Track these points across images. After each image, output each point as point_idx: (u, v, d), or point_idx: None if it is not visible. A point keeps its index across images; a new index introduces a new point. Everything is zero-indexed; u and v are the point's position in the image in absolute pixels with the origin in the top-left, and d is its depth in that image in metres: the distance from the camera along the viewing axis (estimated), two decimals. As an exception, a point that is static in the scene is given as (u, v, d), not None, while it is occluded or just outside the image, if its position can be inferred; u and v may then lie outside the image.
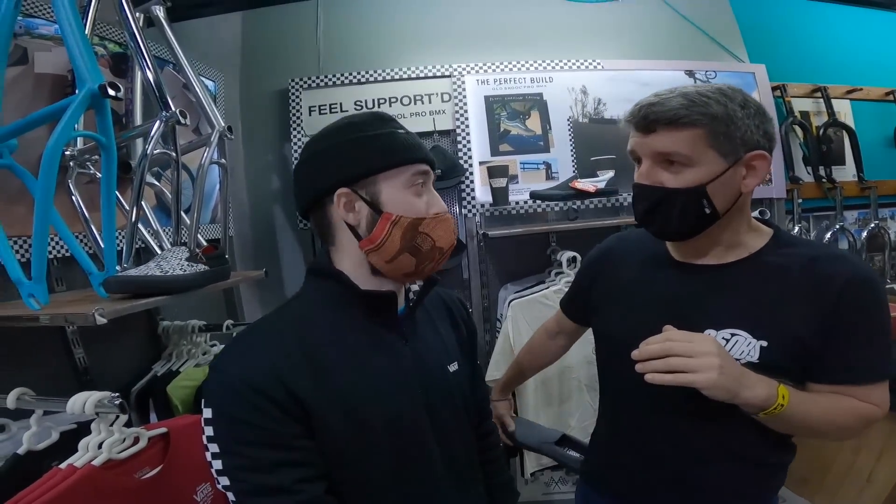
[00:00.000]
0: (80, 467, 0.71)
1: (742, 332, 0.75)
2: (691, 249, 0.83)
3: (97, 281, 0.95)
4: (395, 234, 0.67)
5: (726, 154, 0.74)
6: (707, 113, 0.72)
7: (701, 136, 0.72)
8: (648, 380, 0.68)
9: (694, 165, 0.74)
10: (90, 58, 0.86)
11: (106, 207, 0.94)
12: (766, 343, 0.74)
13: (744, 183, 0.76)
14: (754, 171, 0.76)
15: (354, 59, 2.05)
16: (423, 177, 0.70)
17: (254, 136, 2.05)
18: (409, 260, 0.68)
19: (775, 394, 0.69)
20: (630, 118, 0.79)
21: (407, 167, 0.68)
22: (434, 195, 0.72)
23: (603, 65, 2.08)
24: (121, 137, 1.15)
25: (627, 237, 1.01)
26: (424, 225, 0.69)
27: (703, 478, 0.82)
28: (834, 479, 1.76)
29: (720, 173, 0.74)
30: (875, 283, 0.75)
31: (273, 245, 2.09)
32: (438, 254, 0.70)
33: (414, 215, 0.68)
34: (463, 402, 0.80)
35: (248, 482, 0.60)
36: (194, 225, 1.23)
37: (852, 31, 2.46)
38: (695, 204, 0.75)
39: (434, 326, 0.81)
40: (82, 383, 1.15)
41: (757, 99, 2.20)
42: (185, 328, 1.37)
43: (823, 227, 2.35)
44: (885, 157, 2.40)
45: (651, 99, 0.76)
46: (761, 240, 0.81)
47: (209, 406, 0.62)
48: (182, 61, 1.29)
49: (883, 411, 0.76)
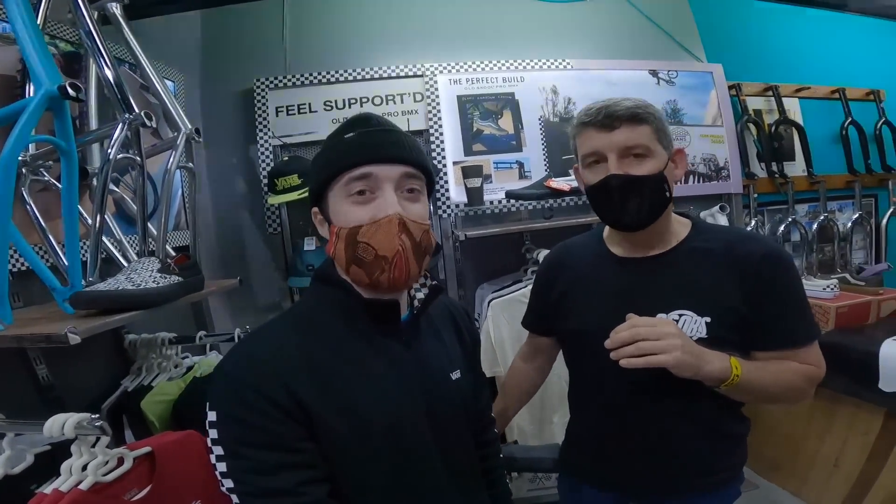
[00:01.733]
0: (66, 492, 0.69)
1: (688, 311, 0.85)
2: (635, 242, 0.93)
3: (62, 297, 0.89)
4: (339, 247, 0.67)
5: (666, 148, 0.88)
6: (651, 113, 0.86)
7: (651, 131, 0.85)
8: (624, 365, 0.74)
9: (651, 156, 0.85)
10: (46, 57, 0.80)
11: (68, 217, 0.88)
12: (709, 319, 0.84)
13: (675, 173, 0.91)
14: (677, 163, 0.91)
15: (323, 59, 2.00)
16: (361, 182, 0.65)
17: (217, 139, 1.96)
18: (360, 272, 0.66)
19: (729, 366, 0.77)
20: (588, 120, 0.87)
21: (340, 176, 0.66)
22: (387, 198, 0.65)
23: (572, 65, 2.12)
24: (77, 142, 1.07)
25: (569, 245, 1.08)
26: (361, 234, 0.64)
27: (674, 452, 0.89)
28: (803, 465, 1.85)
29: (667, 163, 0.87)
30: (785, 255, 0.89)
31: (241, 252, 2.02)
32: (385, 263, 0.64)
33: (351, 225, 0.65)
34: (465, 410, 0.79)
35: (252, 484, 0.60)
36: (162, 234, 1.17)
37: (800, 30, 2.60)
38: (659, 189, 0.86)
39: (438, 334, 0.80)
40: (47, 401, 1.08)
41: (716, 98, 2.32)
42: (153, 341, 1.30)
43: (777, 221, 2.47)
44: (832, 153, 2.55)
45: (605, 102, 0.86)
46: (685, 229, 0.93)
47: (214, 409, 0.62)
48: (142, 60, 1.23)
49: (822, 370, 0.88)
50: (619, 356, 0.74)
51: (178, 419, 1.15)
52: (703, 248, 0.89)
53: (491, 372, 1.73)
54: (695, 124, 2.26)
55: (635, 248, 0.93)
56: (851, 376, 1.65)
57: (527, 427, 1.75)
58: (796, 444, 1.87)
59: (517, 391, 1.17)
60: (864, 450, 1.64)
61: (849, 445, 1.70)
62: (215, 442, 0.61)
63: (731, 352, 0.81)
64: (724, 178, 2.30)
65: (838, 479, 1.71)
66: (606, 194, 0.87)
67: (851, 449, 1.69)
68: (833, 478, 1.73)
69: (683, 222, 0.95)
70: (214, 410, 0.62)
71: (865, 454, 1.64)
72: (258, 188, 1.95)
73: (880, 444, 1.60)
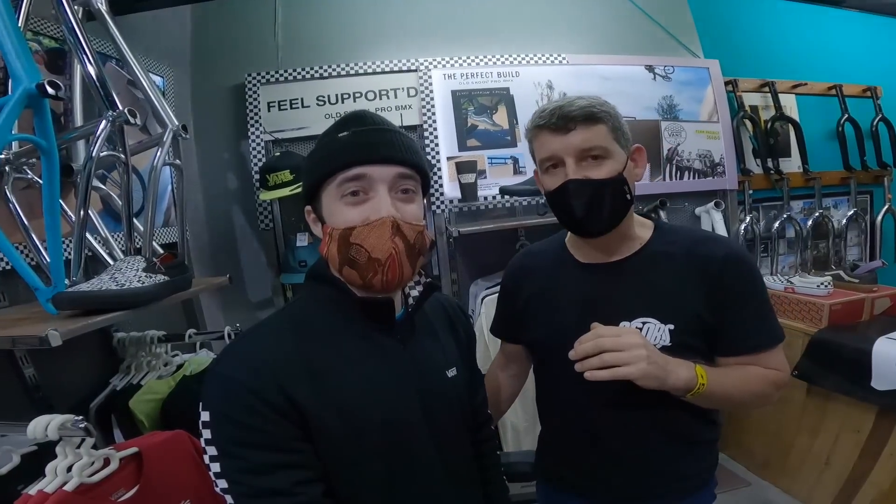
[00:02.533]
0: (51, 493, 0.69)
1: (651, 318, 0.83)
2: (596, 247, 0.90)
3: (45, 297, 0.87)
4: (332, 248, 0.66)
5: (624, 147, 0.84)
6: (607, 111, 0.81)
7: (607, 131, 0.81)
8: (588, 377, 0.71)
9: (610, 157, 0.82)
10: (26, 54, 0.78)
11: (49, 216, 0.86)
12: (672, 326, 0.82)
13: (635, 172, 0.87)
14: (637, 161, 0.88)
15: (316, 53, 1.98)
16: (354, 183, 0.64)
17: (208, 134, 1.95)
18: (353, 273, 0.66)
19: (695, 375, 0.75)
20: (541, 122, 0.83)
21: (333, 177, 0.65)
22: (381, 199, 0.65)
23: (568, 59, 2.10)
24: (61, 139, 1.05)
25: (533, 250, 1.06)
26: (355, 235, 0.64)
27: (644, 460, 0.88)
28: (794, 462, 1.86)
29: (625, 163, 0.84)
30: (747, 256, 0.86)
31: (233, 248, 2.00)
32: (378, 265, 0.64)
33: (344, 226, 0.65)
34: (461, 407, 0.79)
35: (247, 485, 0.59)
36: (149, 232, 1.15)
37: (798, 26, 2.58)
38: (619, 192, 0.83)
39: (433, 332, 0.80)
40: (35, 401, 1.07)
41: (712, 94, 2.30)
42: (142, 339, 1.29)
43: (772, 217, 2.48)
44: (827, 149, 2.54)
45: (558, 102, 0.82)
46: (647, 231, 0.90)
47: (207, 409, 0.61)
48: (127, 56, 1.20)
49: (787, 374, 0.86)
50: (583, 368, 0.72)
51: (167, 418, 1.14)
52: (665, 251, 0.86)
53: (485, 369, 1.73)
54: (690, 120, 2.25)
55: (597, 254, 0.91)
56: (844, 374, 1.65)
57: (520, 424, 1.75)
58: (788, 442, 1.87)
59: (494, 400, 1.14)
60: (855, 447, 1.65)
61: (840, 443, 1.71)
62: (209, 442, 0.60)
63: (696, 359, 0.79)
64: (719, 174, 2.29)
65: (829, 477, 1.72)
66: (565, 200, 0.83)
67: (843, 446, 1.70)
68: (824, 475, 1.74)
69: (646, 224, 0.92)
70: (208, 410, 0.61)
71: (857, 452, 1.64)
72: (250, 184, 1.93)
73: (872, 442, 1.61)
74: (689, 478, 0.90)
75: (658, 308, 0.83)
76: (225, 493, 0.60)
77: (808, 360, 1.74)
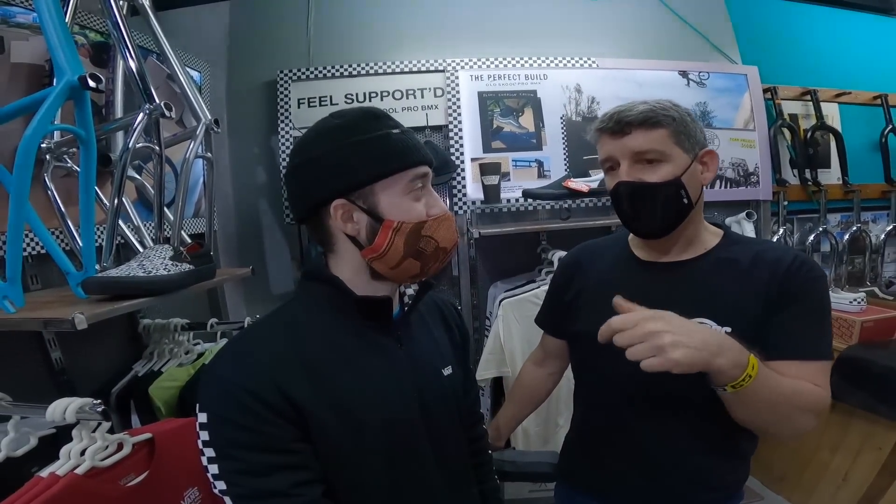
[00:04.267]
0: (62, 476, 0.69)
1: (708, 320, 0.81)
2: (658, 248, 0.90)
3: (75, 281, 0.91)
4: (397, 242, 0.66)
5: (688, 150, 0.83)
6: (669, 115, 0.82)
7: (667, 135, 0.82)
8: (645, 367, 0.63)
9: (667, 161, 0.82)
10: (70, 48, 0.82)
11: (84, 204, 0.90)
12: (729, 329, 0.79)
13: (703, 177, 0.86)
14: (707, 165, 0.87)
15: (345, 52, 2.00)
16: (421, 180, 0.68)
17: (240, 129, 1.99)
18: (414, 264, 0.68)
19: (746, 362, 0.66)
20: (602, 126, 0.85)
21: (404, 172, 0.66)
22: (432, 195, 0.70)
23: (598, 63, 2.07)
24: (101, 130, 1.10)
25: (590, 246, 1.06)
26: (427, 228, 0.68)
27: (678, 467, 0.86)
28: (811, 477, 1.81)
29: (687, 166, 0.83)
30: (816, 265, 0.84)
31: (258, 240, 2.05)
32: (443, 254, 0.70)
33: (415, 220, 0.67)
34: (457, 406, 0.80)
35: (245, 486, 0.59)
36: (178, 222, 1.19)
37: (843, 34, 2.47)
38: (675, 195, 0.82)
39: (429, 330, 0.80)
40: (59, 384, 1.11)
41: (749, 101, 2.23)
42: (167, 327, 1.34)
43: (807, 230, 2.38)
44: (869, 161, 2.42)
45: (619, 107, 0.84)
46: (715, 238, 0.90)
47: (204, 410, 0.61)
48: (167, 51, 1.24)
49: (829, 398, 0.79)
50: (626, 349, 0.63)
51: (184, 406, 1.17)
52: (731, 258, 0.85)
53: (499, 372, 1.72)
54: (725, 128, 2.19)
55: (658, 254, 0.91)
56: (870, 391, 1.61)
57: (532, 428, 1.73)
58: (807, 456, 1.83)
59: (527, 397, 1.14)
60: (875, 465, 1.61)
61: (861, 460, 1.67)
62: (206, 444, 0.61)
63: None
64: (753, 183, 2.21)
65: (845, 493, 1.68)
66: (618, 201, 0.86)
67: (863, 463, 1.65)
68: (840, 491, 1.70)
69: (715, 232, 0.91)
70: (205, 412, 0.61)
71: (876, 469, 1.60)
72: (278, 178, 1.97)
73: (893, 460, 1.57)
74: (718, 489, 0.89)
75: (716, 310, 0.81)
76: (224, 495, 0.60)
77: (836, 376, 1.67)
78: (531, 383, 1.14)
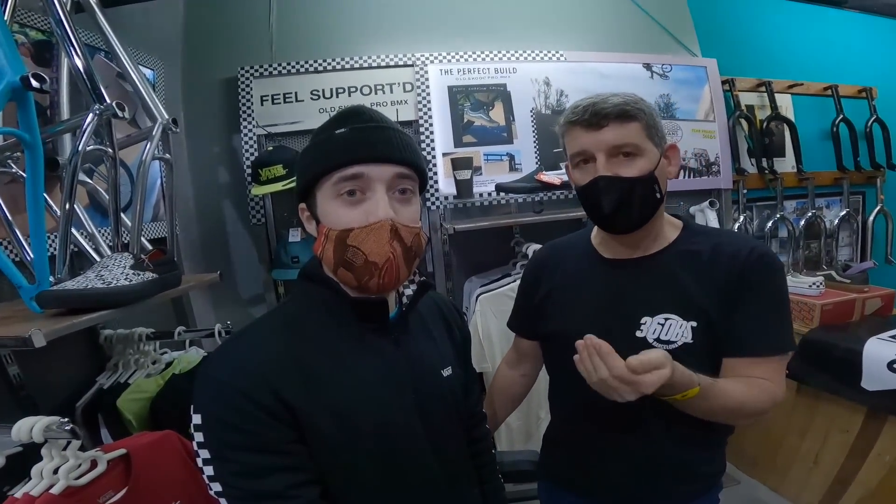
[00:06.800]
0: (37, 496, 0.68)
1: (673, 315, 0.82)
2: (625, 243, 0.90)
3: (28, 295, 0.85)
4: (328, 248, 0.64)
5: (657, 145, 0.84)
6: (641, 109, 0.82)
7: (640, 128, 0.81)
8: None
9: (642, 155, 0.82)
10: (10, 47, 0.77)
11: (33, 212, 0.84)
12: (695, 323, 0.81)
13: (668, 171, 0.87)
14: (670, 160, 0.87)
15: (311, 47, 1.95)
16: (351, 182, 0.62)
17: (199, 128, 1.92)
18: (348, 275, 0.65)
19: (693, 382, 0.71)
20: (574, 118, 0.83)
21: (333, 173, 0.63)
22: (378, 200, 0.63)
23: (565, 56, 2.09)
24: (46, 132, 1.03)
25: (556, 245, 1.06)
26: (352, 238, 0.62)
27: (657, 460, 0.87)
28: (783, 461, 1.87)
29: (658, 161, 0.83)
30: (774, 257, 0.85)
31: (223, 243, 1.98)
32: (375, 269, 0.63)
33: (341, 227, 0.63)
34: (456, 406, 0.79)
35: (241, 488, 0.58)
36: (136, 228, 1.13)
37: (796, 26, 2.58)
38: (650, 190, 0.83)
39: (428, 331, 0.79)
40: (20, 400, 1.05)
41: (709, 93, 2.29)
42: (130, 337, 1.27)
43: (765, 217, 2.48)
44: (821, 150, 2.55)
45: (592, 99, 0.82)
46: (675, 230, 0.90)
47: (198, 412, 0.60)
48: (117, 48, 1.17)
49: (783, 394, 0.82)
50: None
51: (156, 417, 1.12)
52: (692, 250, 0.86)
53: (479, 367, 1.72)
54: (687, 119, 2.25)
55: (623, 250, 0.90)
56: (834, 374, 1.66)
57: (514, 423, 1.75)
58: (777, 441, 1.88)
59: (503, 398, 1.14)
60: (843, 447, 1.66)
61: (829, 443, 1.72)
62: (201, 445, 0.59)
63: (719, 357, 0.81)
64: (714, 173, 2.29)
65: (818, 476, 1.74)
66: (595, 196, 0.84)
67: (831, 446, 1.71)
68: (813, 474, 1.75)
69: (675, 223, 0.92)
70: (200, 413, 0.60)
71: (845, 452, 1.65)
72: (242, 178, 1.90)
73: (860, 442, 1.62)
74: (699, 479, 0.91)
75: (681, 304, 0.82)
76: (219, 497, 0.59)
77: (800, 360, 1.74)
78: (507, 386, 1.14)
